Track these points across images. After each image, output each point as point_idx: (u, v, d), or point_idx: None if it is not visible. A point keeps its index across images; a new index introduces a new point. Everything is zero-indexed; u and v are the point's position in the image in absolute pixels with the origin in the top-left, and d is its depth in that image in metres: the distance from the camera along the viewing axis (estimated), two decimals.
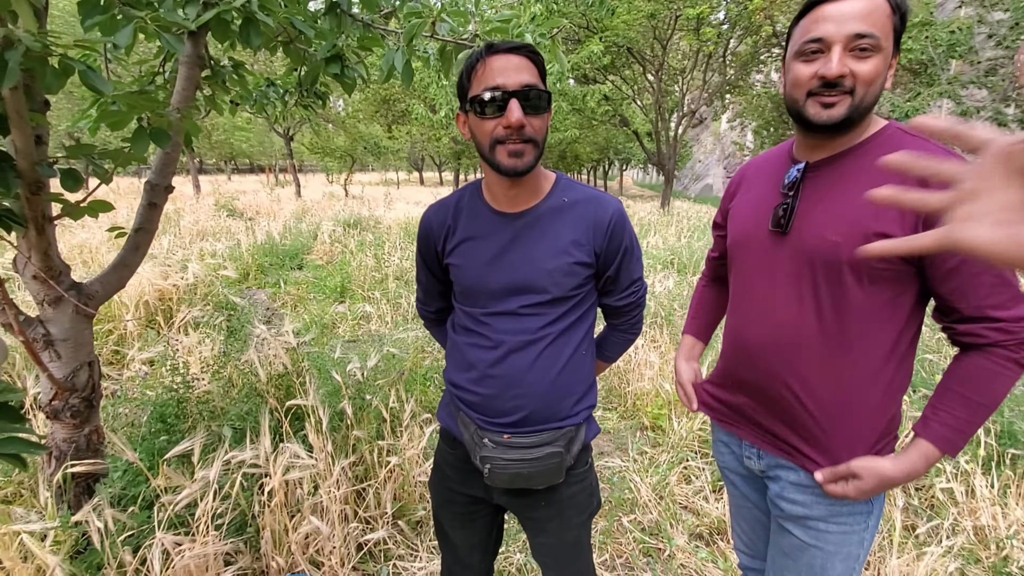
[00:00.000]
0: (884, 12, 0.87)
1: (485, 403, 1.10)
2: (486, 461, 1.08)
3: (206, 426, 2.31)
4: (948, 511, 2.09)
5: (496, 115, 0.97)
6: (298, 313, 5.14)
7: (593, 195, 1.12)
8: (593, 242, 1.09)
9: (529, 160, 1.00)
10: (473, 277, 1.11)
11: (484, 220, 1.12)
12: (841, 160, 0.96)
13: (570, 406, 1.12)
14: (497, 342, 1.09)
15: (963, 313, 0.90)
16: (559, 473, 1.10)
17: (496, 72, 0.96)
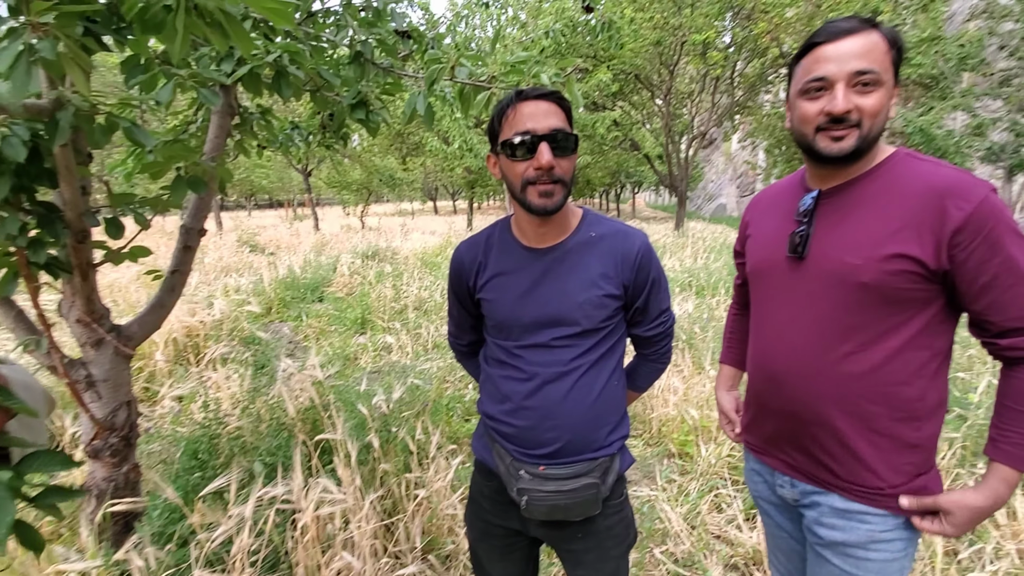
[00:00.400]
0: (882, 49, 0.91)
1: (521, 435, 1.12)
2: (523, 493, 1.09)
3: (238, 462, 2.35)
4: (990, 535, 2.02)
5: (527, 157, 1.03)
6: (320, 345, 5.21)
7: (620, 229, 1.17)
8: (621, 275, 1.12)
9: (558, 199, 1.05)
10: (506, 311, 1.14)
11: (515, 256, 1.16)
12: (854, 187, 0.99)
13: (604, 436, 1.13)
14: (531, 374, 1.12)
15: (1003, 327, 0.91)
16: (596, 504, 1.11)
17: (526, 117, 1.03)
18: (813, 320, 1.02)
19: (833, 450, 1.02)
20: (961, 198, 0.88)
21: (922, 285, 0.92)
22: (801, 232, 1.03)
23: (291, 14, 0.86)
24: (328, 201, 52.37)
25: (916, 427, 0.97)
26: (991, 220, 0.87)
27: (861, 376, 0.97)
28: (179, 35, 0.93)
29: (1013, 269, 0.88)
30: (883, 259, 0.92)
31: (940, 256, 0.89)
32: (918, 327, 0.95)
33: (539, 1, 9.84)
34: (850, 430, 0.99)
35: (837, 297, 0.98)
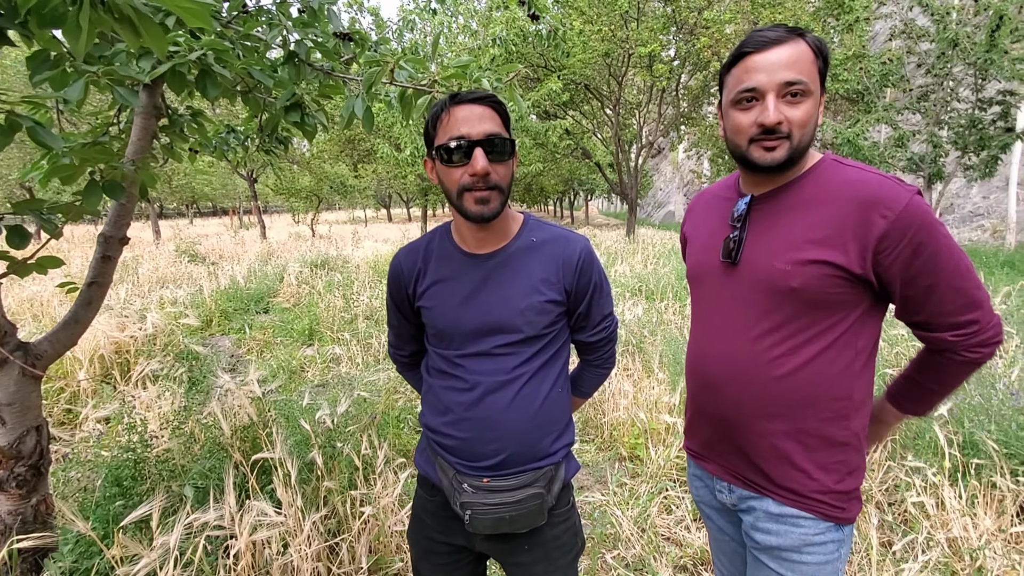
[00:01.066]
0: (809, 58, 0.93)
1: (463, 447, 1.09)
2: (466, 507, 1.06)
3: (166, 487, 2.19)
4: (921, 525, 2.13)
5: (462, 163, 1.00)
6: (264, 359, 4.99)
7: (561, 234, 1.15)
8: (563, 280, 1.11)
9: (495, 206, 1.03)
10: (446, 319, 1.11)
11: (455, 262, 1.13)
12: (784, 192, 1.02)
13: (549, 444, 1.11)
14: (473, 384, 1.09)
15: (944, 324, 0.96)
16: (541, 514, 1.09)
17: (460, 122, 1.00)
18: (744, 324, 1.03)
19: (765, 453, 1.03)
20: (884, 205, 0.90)
21: (848, 288, 0.95)
22: (734, 237, 1.05)
23: (206, 14, 0.80)
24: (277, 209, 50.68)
25: (844, 425, 1.00)
26: (915, 224, 0.89)
27: (789, 377, 0.99)
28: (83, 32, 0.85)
29: (942, 268, 0.91)
30: (809, 264, 0.94)
31: (865, 262, 0.92)
32: (844, 328, 0.98)
33: (489, 10, 9.89)
34: (780, 432, 1.01)
35: (767, 301, 1.00)
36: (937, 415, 2.44)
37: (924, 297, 0.94)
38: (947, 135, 7.96)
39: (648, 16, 12.50)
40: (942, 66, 7.71)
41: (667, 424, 2.95)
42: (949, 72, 7.72)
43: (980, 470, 2.36)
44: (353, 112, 1.62)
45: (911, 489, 2.26)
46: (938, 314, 0.95)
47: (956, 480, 2.29)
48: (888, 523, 2.25)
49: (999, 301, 5.26)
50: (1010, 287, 5.68)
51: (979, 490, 2.27)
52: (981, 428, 2.45)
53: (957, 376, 1.01)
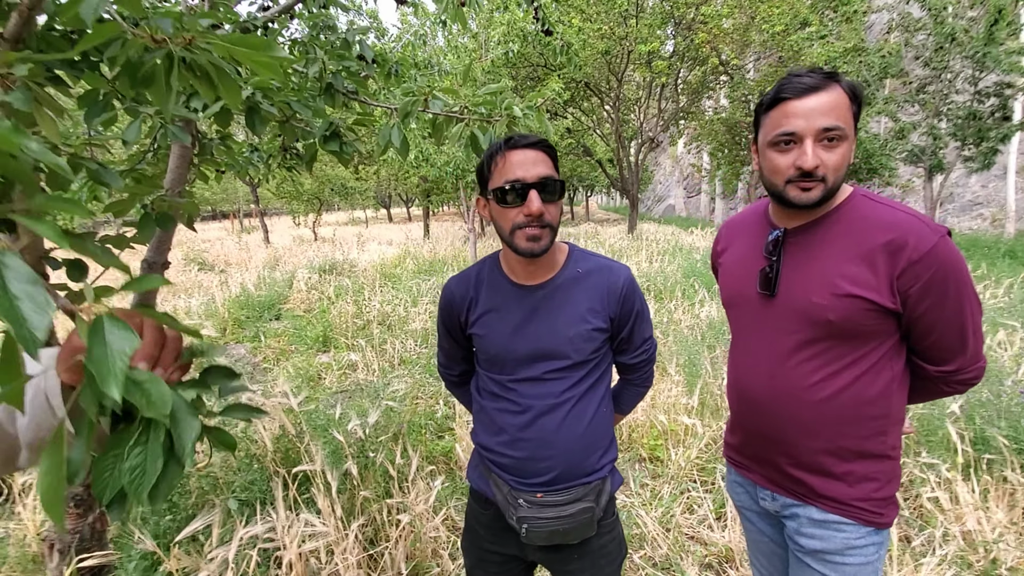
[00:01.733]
0: (845, 105, 1.00)
1: (518, 465, 1.17)
2: (523, 521, 1.14)
3: (210, 501, 2.28)
4: (937, 519, 2.21)
5: (516, 204, 1.08)
6: (281, 367, 5.07)
7: (605, 264, 1.24)
8: (608, 308, 1.19)
9: (545, 243, 1.10)
10: (498, 346, 1.19)
11: (505, 293, 1.21)
12: (816, 228, 1.09)
13: (596, 461, 1.19)
14: (525, 407, 1.17)
15: (921, 358, 1.09)
16: (591, 526, 1.17)
17: (515, 166, 1.08)
18: (784, 352, 1.11)
19: (808, 466, 1.11)
20: (912, 246, 0.96)
21: (880, 320, 1.02)
22: (770, 271, 1.12)
23: (279, 68, 0.88)
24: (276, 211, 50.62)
25: (882, 440, 1.08)
26: (936, 266, 0.96)
27: (830, 401, 1.07)
28: (172, 91, 0.92)
29: (949, 310, 0.99)
30: (845, 298, 1.01)
31: (895, 297, 0.99)
32: (880, 354, 1.05)
33: (490, 11, 9.92)
34: (821, 448, 1.09)
35: (806, 332, 1.07)
36: (948, 411, 2.52)
37: (924, 333, 1.02)
38: (946, 127, 8.03)
39: (647, 12, 12.52)
40: (940, 59, 7.76)
41: (685, 425, 3.03)
42: (947, 65, 7.78)
43: (992, 465, 2.44)
44: (390, 140, 1.70)
45: (926, 484, 2.34)
46: (932, 349, 1.04)
47: (969, 475, 2.38)
48: (906, 518, 2.33)
49: (1002, 292, 5.34)
50: (1012, 279, 5.76)
51: (991, 484, 2.35)
52: (991, 424, 2.53)
53: (929, 397, 1.16)
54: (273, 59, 0.97)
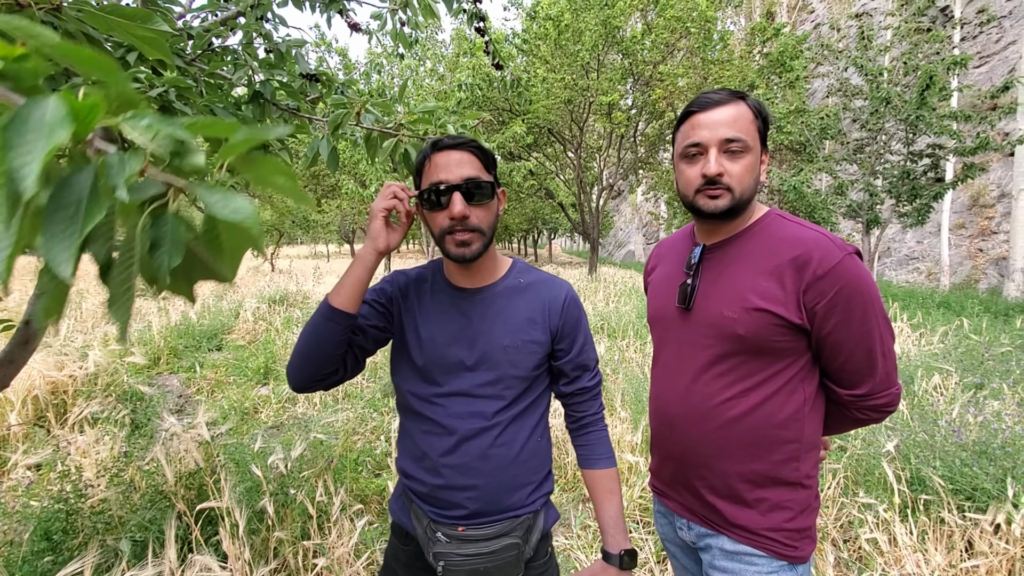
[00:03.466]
0: (748, 118, 1.02)
1: (438, 494, 1.06)
2: (440, 558, 1.03)
3: (100, 541, 2.03)
4: (876, 562, 2.17)
5: (442, 207, 1.03)
6: (215, 399, 4.76)
7: (548, 278, 1.18)
8: (549, 321, 1.12)
9: (476, 248, 1.04)
10: (429, 351, 1.10)
11: (443, 295, 1.14)
12: (732, 243, 1.09)
13: (526, 495, 1.09)
14: (450, 428, 1.07)
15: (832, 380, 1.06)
16: (518, 566, 1.05)
17: (440, 168, 1.03)
18: (698, 368, 1.08)
19: (719, 492, 1.06)
20: (817, 262, 0.97)
21: (790, 337, 1.00)
22: (688, 285, 1.11)
23: (164, 44, 0.81)
24: None
25: (795, 467, 1.03)
26: (840, 282, 0.96)
27: (741, 420, 1.03)
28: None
29: (855, 330, 0.97)
30: (754, 312, 1.00)
31: (801, 312, 0.98)
32: (792, 374, 1.03)
33: (456, 56, 10.22)
34: (733, 472, 1.04)
35: (718, 347, 1.05)
36: (884, 451, 2.53)
37: (832, 353, 1.00)
38: (882, 184, 8.57)
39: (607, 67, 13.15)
40: (875, 121, 8.36)
41: (630, 464, 2.95)
42: (882, 127, 8.38)
43: (929, 506, 2.44)
44: (318, 153, 1.63)
45: (864, 526, 2.31)
46: (842, 371, 1.02)
47: (907, 516, 2.37)
48: (844, 560, 2.29)
49: (937, 339, 5.59)
50: (946, 327, 6.05)
51: (928, 526, 2.34)
52: (927, 464, 2.55)
53: (846, 426, 1.12)
54: (152, 32, 0.90)
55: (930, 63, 7.62)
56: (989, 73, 12.89)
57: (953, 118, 7.71)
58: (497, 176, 1.13)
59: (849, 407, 1.05)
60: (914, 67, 8.08)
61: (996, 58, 12.89)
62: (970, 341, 5.29)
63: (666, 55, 12.78)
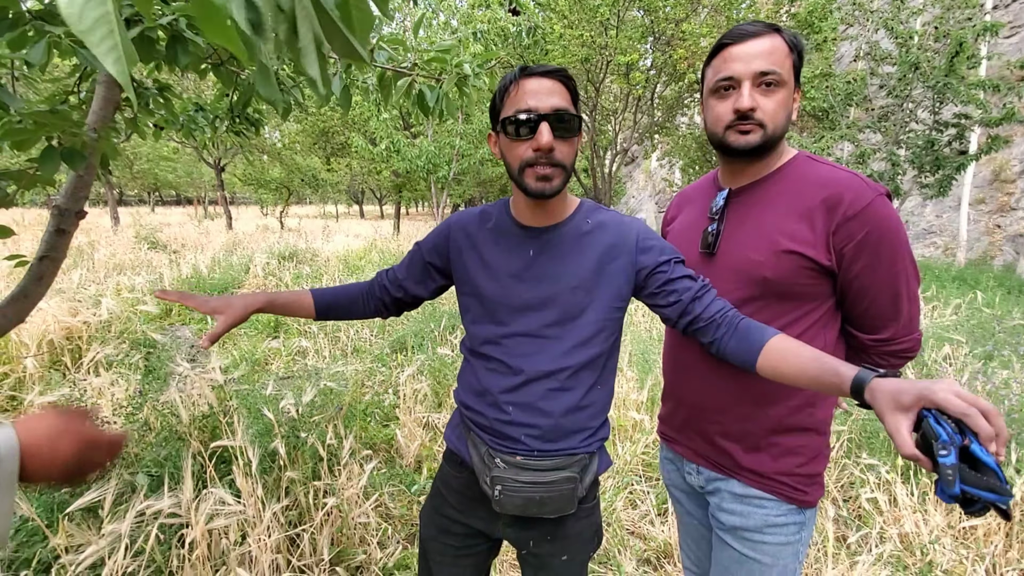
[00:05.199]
0: (783, 51, 0.97)
1: (499, 428, 1.06)
2: (497, 482, 1.02)
3: (118, 475, 2.10)
4: (875, 520, 2.20)
5: (527, 137, 0.97)
6: (227, 350, 4.84)
7: (617, 219, 1.10)
8: (628, 262, 1.05)
9: (556, 184, 0.99)
10: (494, 290, 1.08)
11: (509, 234, 1.10)
12: (759, 186, 1.05)
13: (581, 440, 1.07)
14: (516, 369, 1.05)
15: (855, 325, 1.04)
16: (572, 502, 1.04)
17: (529, 94, 0.97)
18: None
19: (734, 436, 1.06)
20: (848, 202, 0.93)
21: (816, 280, 0.98)
22: (712, 230, 1.08)
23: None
24: (244, 200, 49.38)
25: (810, 412, 1.03)
26: (870, 223, 0.93)
27: None
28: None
29: (882, 273, 0.95)
30: (781, 254, 0.97)
31: (831, 254, 0.95)
32: (814, 319, 1.01)
33: (471, 7, 9.88)
34: (749, 416, 1.04)
35: (742, 291, 1.03)
36: None
37: (858, 296, 0.98)
38: (905, 154, 8.32)
39: (627, 25, 12.68)
40: (903, 88, 8.06)
41: (634, 420, 2.98)
42: (909, 94, 8.08)
43: None
44: (331, 91, 1.59)
45: (865, 486, 2.34)
46: (866, 315, 0.99)
47: (908, 478, 2.39)
48: (843, 518, 2.32)
49: (950, 312, 5.53)
50: (960, 300, 5.98)
51: (929, 487, 2.36)
52: None
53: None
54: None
55: (961, 29, 7.27)
56: (1020, 44, 12.30)
57: (981, 87, 7.41)
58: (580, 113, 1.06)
59: (870, 351, 1.03)
60: (944, 32, 7.72)
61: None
62: (983, 314, 5.24)
63: (689, 12, 12.27)
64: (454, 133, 9.46)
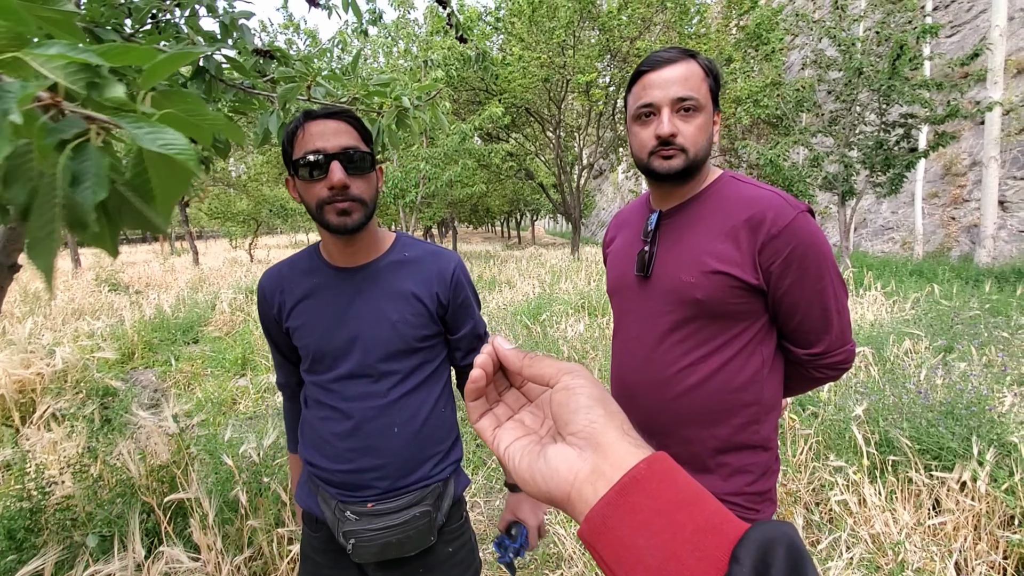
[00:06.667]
0: (699, 76, 0.99)
1: (345, 480, 1.05)
2: (350, 535, 1.02)
3: (66, 537, 1.99)
4: (845, 522, 2.22)
5: (320, 177, 0.98)
6: (191, 392, 4.68)
7: (435, 250, 1.16)
8: (439, 293, 1.11)
9: (358, 218, 1.01)
10: (315, 336, 1.07)
11: (322, 276, 1.10)
12: (687, 208, 1.07)
13: (433, 466, 1.09)
14: (348, 412, 1.05)
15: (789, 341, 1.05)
16: (429, 534, 1.06)
17: (316, 137, 0.99)
18: (657, 336, 1.06)
19: (682, 458, 1.05)
20: (771, 220, 0.95)
21: (747, 298, 0.99)
22: (646, 252, 1.08)
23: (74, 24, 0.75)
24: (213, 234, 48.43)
25: (755, 430, 1.03)
26: (794, 241, 0.95)
27: (699, 386, 1.02)
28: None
29: (809, 289, 0.97)
30: (710, 275, 0.98)
31: (757, 273, 0.97)
32: (749, 336, 1.02)
33: (430, 35, 9.99)
34: (695, 438, 1.03)
35: (676, 313, 1.03)
36: (854, 415, 2.58)
37: (788, 313, 1.00)
38: (856, 156, 8.64)
39: (584, 44, 12.99)
40: (849, 92, 8.40)
41: None
42: (855, 98, 8.42)
43: (897, 466, 2.50)
44: (267, 129, 1.56)
45: (834, 488, 2.36)
46: (798, 330, 1.01)
47: (875, 478, 2.42)
48: (815, 523, 2.33)
49: (909, 306, 5.70)
50: (918, 293, 6.17)
51: (897, 486, 2.39)
52: (895, 427, 2.60)
53: (805, 386, 1.11)
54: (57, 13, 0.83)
55: (903, 32, 7.64)
56: (961, 42, 12.99)
57: (924, 87, 7.77)
58: (374, 151, 1.09)
59: (806, 366, 1.04)
60: (886, 37, 8.10)
61: (967, 27, 12.99)
62: (941, 307, 5.41)
63: (643, 30, 12.65)
64: (419, 157, 9.48)
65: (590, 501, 0.33)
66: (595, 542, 0.32)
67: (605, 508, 0.32)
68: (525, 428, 0.42)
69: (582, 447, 0.36)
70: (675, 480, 0.33)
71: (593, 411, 0.37)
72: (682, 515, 0.31)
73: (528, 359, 0.41)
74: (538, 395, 0.44)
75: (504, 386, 0.45)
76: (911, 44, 7.57)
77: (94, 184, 0.40)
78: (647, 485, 0.32)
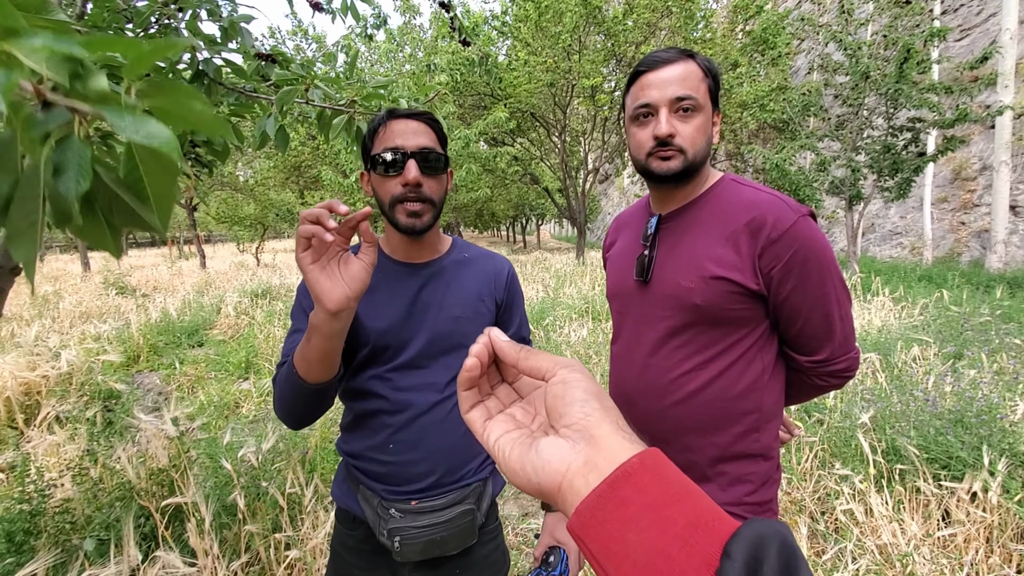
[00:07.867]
0: (697, 76, 0.97)
1: (392, 472, 1.04)
2: (395, 533, 1.01)
3: (64, 540, 1.99)
4: (851, 532, 2.17)
5: (395, 174, 1.01)
6: (194, 395, 4.69)
7: (488, 253, 1.22)
8: (495, 292, 1.15)
9: (427, 219, 1.03)
10: (376, 329, 1.06)
11: (385, 271, 1.11)
12: (687, 211, 1.04)
13: (478, 464, 1.10)
14: (404, 404, 1.05)
15: (791, 348, 1.02)
16: (473, 533, 1.06)
17: (396, 134, 1.02)
18: (655, 341, 1.04)
19: (680, 467, 1.02)
20: (771, 224, 0.93)
21: (747, 304, 0.97)
22: (646, 256, 1.06)
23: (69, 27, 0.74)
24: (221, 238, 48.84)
25: (755, 438, 1.00)
26: (795, 246, 0.92)
27: (699, 393, 1.00)
28: None
29: (811, 294, 0.94)
30: (710, 280, 0.96)
31: (758, 278, 0.94)
32: (750, 343, 0.99)
33: (435, 39, 10.03)
34: (694, 446, 1.01)
35: (675, 318, 1.01)
36: (860, 423, 2.53)
37: (790, 319, 0.97)
38: (864, 160, 8.58)
39: (589, 49, 13.00)
40: (856, 96, 8.34)
41: None
42: (863, 102, 8.36)
43: (904, 476, 2.45)
44: (265, 132, 1.56)
45: (840, 497, 2.31)
46: (800, 336, 0.99)
47: (882, 487, 2.37)
48: (820, 532, 2.29)
49: (917, 312, 5.62)
50: (927, 299, 6.10)
51: (904, 495, 2.34)
52: (903, 435, 2.55)
53: (808, 394, 1.09)
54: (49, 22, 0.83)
55: (910, 36, 7.58)
56: (971, 46, 12.89)
57: (933, 91, 7.70)
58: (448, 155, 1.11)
59: (809, 373, 1.02)
60: (894, 40, 8.05)
61: (977, 30, 12.88)
62: (950, 312, 5.33)
63: (648, 35, 12.64)
64: None
65: (581, 493, 0.33)
66: (584, 535, 0.32)
67: (595, 501, 0.32)
68: (516, 422, 0.42)
69: (576, 439, 0.35)
70: (666, 475, 0.33)
71: (588, 404, 0.37)
72: (672, 511, 0.30)
73: (524, 352, 0.41)
74: (530, 392, 0.44)
75: (496, 380, 0.46)
76: (919, 48, 7.51)
77: (77, 174, 0.39)
78: (638, 479, 0.32)
